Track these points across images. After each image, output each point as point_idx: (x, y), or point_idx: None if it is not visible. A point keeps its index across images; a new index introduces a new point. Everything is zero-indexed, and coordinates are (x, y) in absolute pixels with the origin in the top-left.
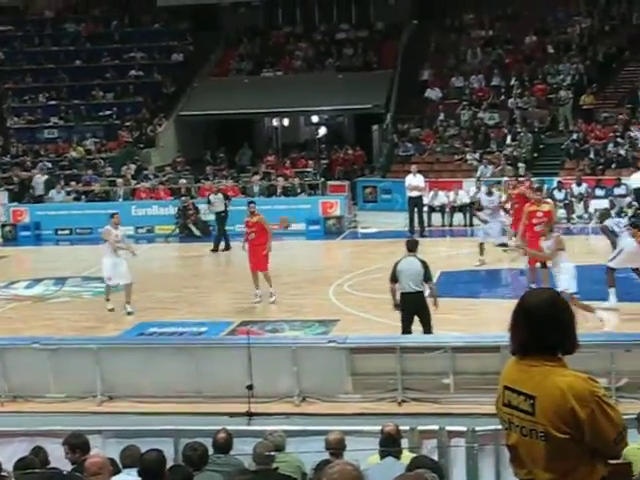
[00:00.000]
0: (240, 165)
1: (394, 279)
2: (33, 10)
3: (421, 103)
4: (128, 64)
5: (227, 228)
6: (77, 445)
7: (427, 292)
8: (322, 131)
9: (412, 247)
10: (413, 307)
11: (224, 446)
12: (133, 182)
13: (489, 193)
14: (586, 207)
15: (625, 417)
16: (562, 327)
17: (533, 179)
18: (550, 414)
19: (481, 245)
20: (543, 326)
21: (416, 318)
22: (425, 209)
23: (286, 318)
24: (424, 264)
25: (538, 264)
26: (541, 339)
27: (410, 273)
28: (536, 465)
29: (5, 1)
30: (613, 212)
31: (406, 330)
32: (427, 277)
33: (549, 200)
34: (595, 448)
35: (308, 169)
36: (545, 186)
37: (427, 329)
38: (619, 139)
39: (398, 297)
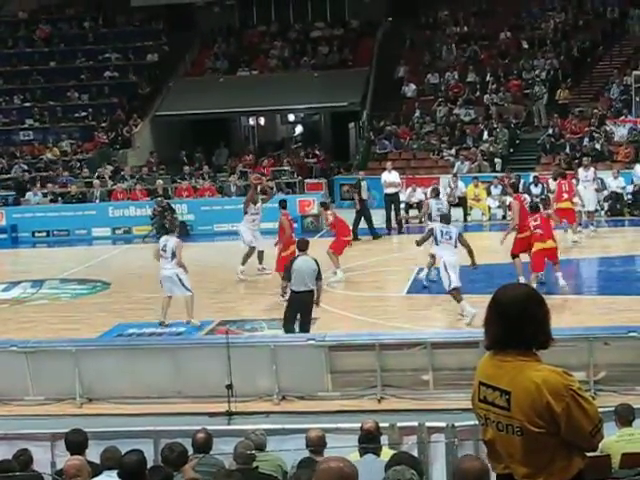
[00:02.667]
0: (217, 165)
1: (288, 277)
2: (6, 12)
3: (397, 100)
4: (103, 65)
5: (206, 228)
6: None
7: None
8: (299, 129)
9: (304, 247)
10: (302, 305)
11: (203, 446)
12: (110, 183)
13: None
14: None
15: (603, 410)
16: (536, 322)
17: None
18: (526, 409)
19: None
20: (517, 321)
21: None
22: (402, 206)
23: (265, 317)
24: (317, 263)
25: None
26: (515, 334)
27: (304, 272)
28: (513, 460)
29: None
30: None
31: (290, 328)
32: (319, 276)
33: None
34: (572, 441)
35: (285, 168)
36: (522, 181)
37: (306, 327)
38: (595, 133)
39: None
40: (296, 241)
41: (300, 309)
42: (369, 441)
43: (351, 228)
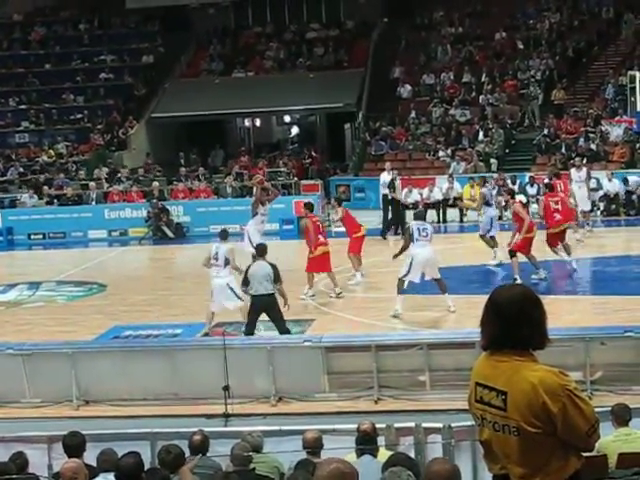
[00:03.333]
0: (213, 166)
1: (245, 283)
2: (1, 14)
3: (392, 101)
4: (98, 67)
5: (202, 229)
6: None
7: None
8: (294, 131)
9: (261, 252)
10: (262, 308)
11: (200, 448)
12: (106, 185)
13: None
14: None
15: (600, 410)
16: (532, 322)
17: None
18: (522, 409)
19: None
20: (513, 321)
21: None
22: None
23: (261, 318)
24: (274, 267)
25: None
26: (511, 334)
27: (260, 276)
28: (509, 460)
29: None
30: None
31: (250, 330)
32: (276, 279)
33: None
34: (568, 442)
35: (281, 169)
36: (518, 181)
37: (281, 327)
38: (590, 133)
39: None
40: (255, 246)
41: (263, 311)
42: (366, 442)
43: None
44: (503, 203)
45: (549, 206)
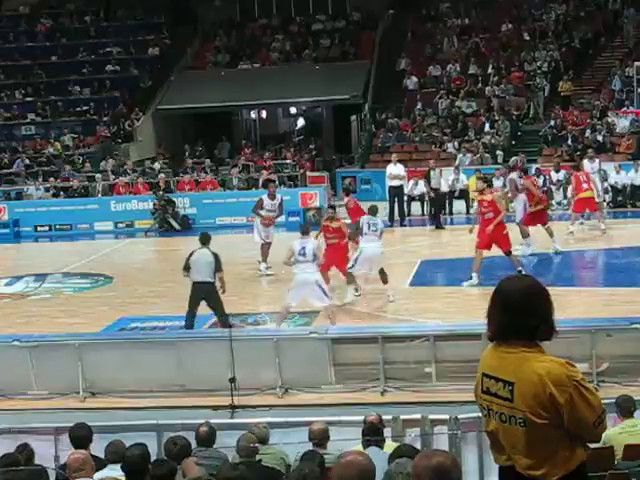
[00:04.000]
0: (219, 158)
1: (186, 268)
2: (7, 6)
3: (399, 93)
4: (104, 59)
5: (208, 221)
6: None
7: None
8: (300, 122)
9: (204, 240)
10: (201, 295)
11: (206, 439)
12: (112, 177)
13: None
14: (565, 193)
15: (606, 402)
16: (539, 313)
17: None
18: (529, 400)
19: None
20: (518, 313)
21: None
22: (405, 198)
23: (267, 310)
24: (215, 256)
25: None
26: (517, 325)
27: (201, 264)
28: (516, 451)
29: None
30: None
31: (190, 316)
32: (217, 268)
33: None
34: (575, 432)
35: (287, 161)
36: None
37: (221, 317)
38: (597, 125)
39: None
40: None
41: (200, 297)
42: (372, 434)
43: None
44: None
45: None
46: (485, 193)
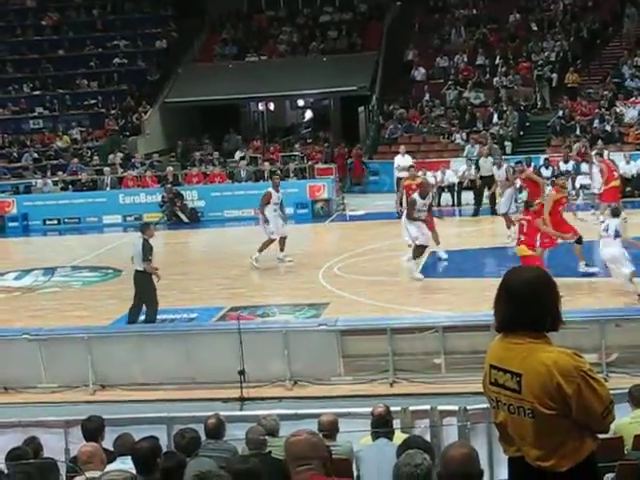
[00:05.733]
0: (227, 151)
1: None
2: (14, 0)
3: (406, 84)
4: (112, 52)
5: (216, 214)
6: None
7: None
8: (308, 115)
9: (143, 229)
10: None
11: (215, 432)
12: (120, 170)
13: (499, 166)
14: (573, 184)
15: (617, 392)
16: (545, 304)
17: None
18: (536, 391)
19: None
20: (524, 304)
21: None
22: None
23: (276, 302)
24: (144, 245)
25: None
26: (523, 316)
27: (133, 253)
28: (525, 442)
29: None
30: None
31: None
32: (145, 257)
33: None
34: (583, 423)
35: (295, 153)
36: (532, 164)
37: (134, 305)
38: (605, 115)
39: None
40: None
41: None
42: (381, 425)
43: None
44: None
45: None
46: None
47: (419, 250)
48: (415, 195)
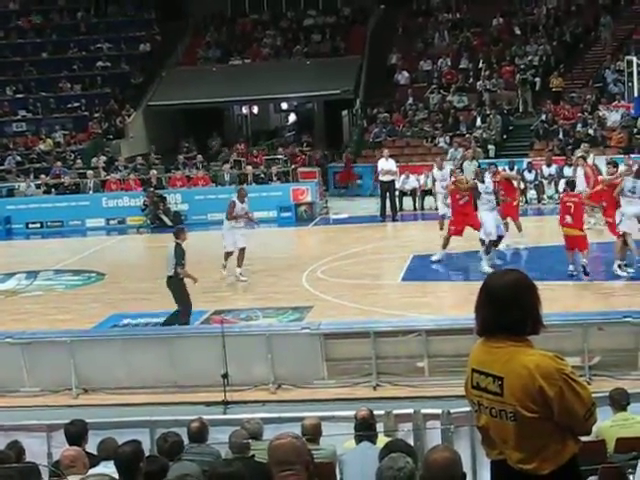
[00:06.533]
0: (210, 154)
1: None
2: None
3: (390, 87)
4: (95, 55)
5: (200, 217)
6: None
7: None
8: (292, 118)
9: (177, 234)
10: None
11: (198, 435)
12: (103, 174)
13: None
14: (556, 187)
15: (598, 395)
16: (525, 308)
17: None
18: (518, 394)
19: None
20: (505, 307)
21: None
22: (396, 193)
23: (260, 306)
24: (177, 251)
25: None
26: (503, 320)
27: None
28: (507, 445)
29: None
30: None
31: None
32: (177, 261)
33: None
34: (565, 425)
35: (278, 156)
36: (515, 167)
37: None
38: (588, 119)
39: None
40: None
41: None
42: (365, 429)
43: None
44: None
45: None
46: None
47: (493, 244)
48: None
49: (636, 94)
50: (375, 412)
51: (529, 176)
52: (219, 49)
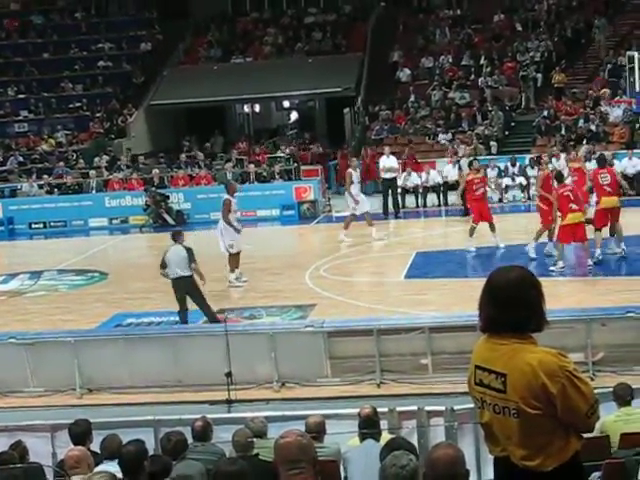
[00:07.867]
0: (212, 153)
1: (163, 266)
2: None
3: (391, 85)
4: (96, 55)
5: (203, 216)
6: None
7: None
8: (294, 116)
9: (176, 237)
10: (183, 290)
11: (202, 434)
12: (106, 173)
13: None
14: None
15: (602, 391)
16: (529, 305)
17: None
18: (521, 391)
19: None
20: (509, 304)
21: None
22: (399, 190)
23: (263, 304)
24: (188, 250)
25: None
26: (507, 317)
27: (176, 261)
28: (510, 442)
29: None
30: None
31: (182, 309)
32: (191, 260)
33: None
34: (568, 422)
35: (281, 154)
36: (517, 163)
37: (203, 309)
38: (590, 114)
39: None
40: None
41: (183, 293)
42: (368, 426)
43: None
44: (504, 185)
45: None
46: None
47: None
48: None
49: (637, 89)
50: (379, 409)
51: (531, 172)
52: (220, 48)
